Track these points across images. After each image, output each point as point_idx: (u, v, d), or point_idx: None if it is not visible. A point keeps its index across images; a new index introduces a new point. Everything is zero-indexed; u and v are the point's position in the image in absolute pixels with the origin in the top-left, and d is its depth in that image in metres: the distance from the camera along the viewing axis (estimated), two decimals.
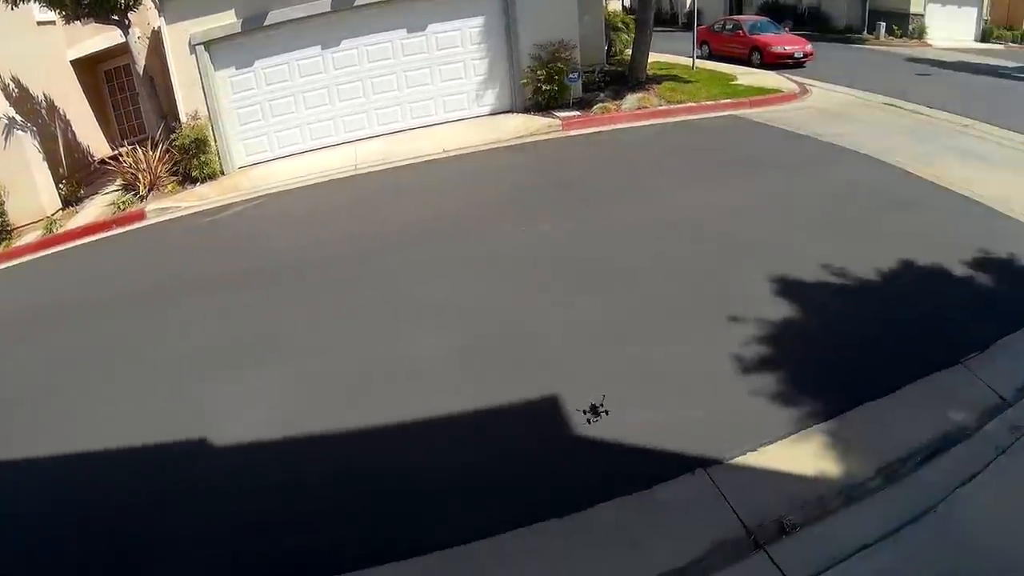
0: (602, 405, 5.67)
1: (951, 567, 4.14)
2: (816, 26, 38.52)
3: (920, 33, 36.29)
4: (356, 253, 9.35)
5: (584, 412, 5.63)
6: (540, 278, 7.97)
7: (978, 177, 10.78)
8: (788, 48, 23.36)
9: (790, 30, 30.33)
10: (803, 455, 5.07)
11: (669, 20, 46.83)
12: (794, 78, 20.06)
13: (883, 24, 35.49)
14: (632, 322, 6.85)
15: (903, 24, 36.28)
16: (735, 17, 29.85)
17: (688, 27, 23.67)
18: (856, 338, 6.41)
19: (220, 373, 6.87)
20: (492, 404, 5.83)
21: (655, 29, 18.77)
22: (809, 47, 23.95)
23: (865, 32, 35.74)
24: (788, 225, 9.04)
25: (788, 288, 7.20)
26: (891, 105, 16.49)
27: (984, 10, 39.95)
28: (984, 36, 39.06)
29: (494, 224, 9.67)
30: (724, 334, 6.43)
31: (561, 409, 5.70)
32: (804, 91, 18.06)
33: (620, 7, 47.52)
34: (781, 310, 6.79)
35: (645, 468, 4.99)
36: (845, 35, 36.18)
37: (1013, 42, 39.38)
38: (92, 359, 7.80)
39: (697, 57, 21.88)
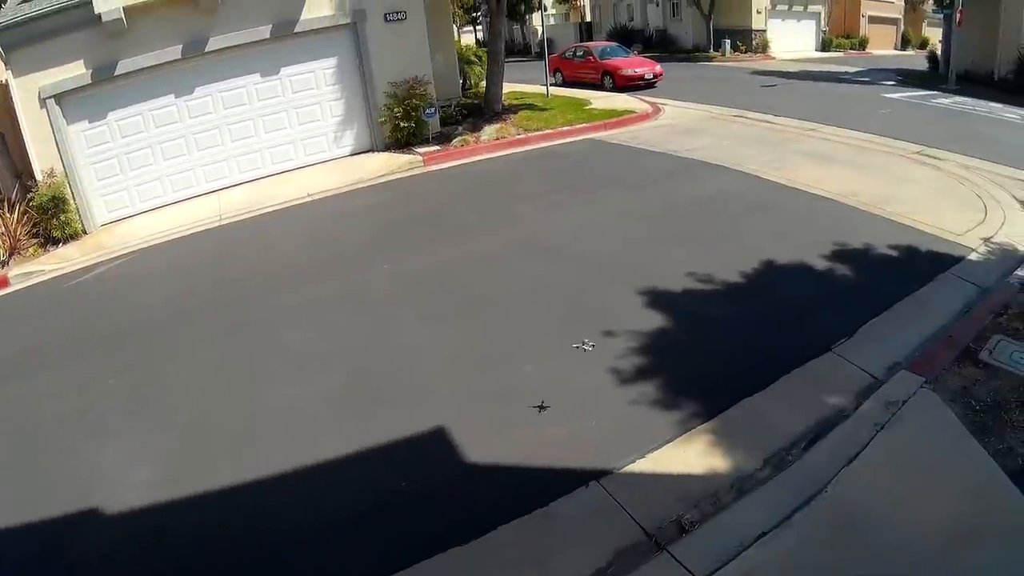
0: (487, 429, 5.71)
1: (845, 544, 4.29)
2: (665, 47, 40.42)
3: (764, 47, 38.50)
4: (226, 303, 9.25)
5: (469, 438, 5.62)
6: (410, 310, 8.06)
7: (827, 176, 11.70)
8: (638, 70, 24.44)
9: (640, 53, 31.65)
10: (691, 455, 5.22)
11: (522, 50, 48.30)
12: (646, 99, 21.01)
13: (728, 41, 37.47)
14: (505, 345, 6.96)
15: (747, 40, 38.40)
16: (585, 44, 31.04)
17: (541, 56, 24.42)
18: (727, 339, 6.70)
19: (92, 439, 6.59)
20: (376, 442, 5.74)
21: (509, 60, 19.37)
22: (659, 68, 25.12)
23: (712, 50, 37.59)
24: (651, 239, 9.43)
25: (657, 299, 7.45)
26: (740, 117, 17.58)
27: (823, 22, 42.78)
28: (824, 46, 42.09)
29: (362, 262, 9.73)
30: (598, 349, 6.60)
31: (446, 438, 5.67)
32: (657, 110, 18.93)
33: (473, 40, 48.60)
34: (652, 321, 7.00)
35: (539, 487, 5.02)
36: (693, 54, 37.95)
37: (852, 49, 42.30)
38: None
39: (551, 85, 22.69)
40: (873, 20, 46.87)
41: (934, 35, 40.97)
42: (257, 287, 9.59)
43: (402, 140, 15.91)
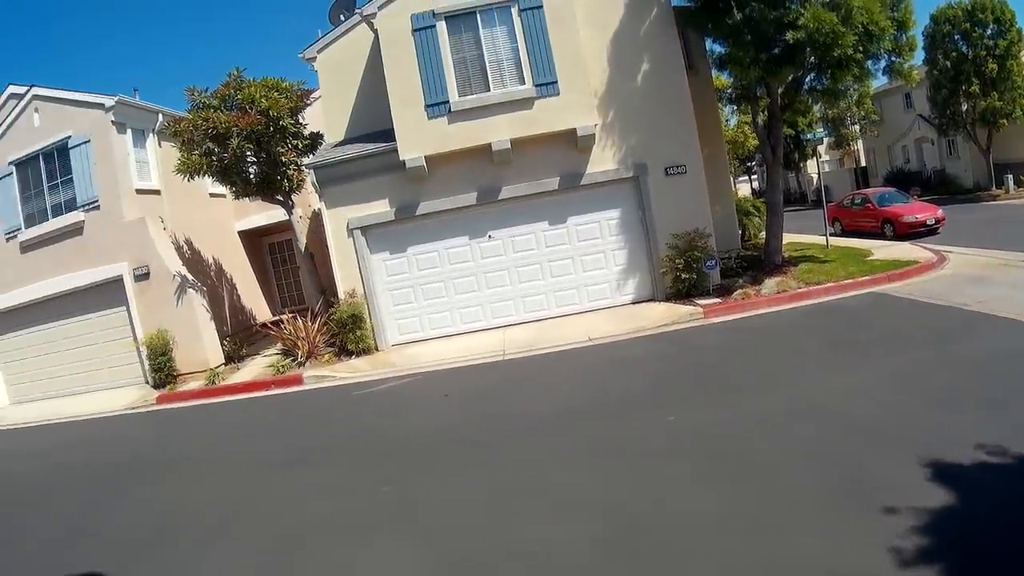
0: None
1: None
2: (943, 188, 38.23)
3: None
4: (501, 437, 9.37)
5: None
6: (682, 467, 7.67)
7: None
8: (919, 216, 23.18)
9: (918, 197, 30.21)
10: None
11: (797, 199, 47.71)
12: (929, 246, 19.73)
13: (1010, 176, 34.81)
14: (779, 514, 6.38)
15: None
16: (862, 191, 29.90)
17: (817, 204, 23.93)
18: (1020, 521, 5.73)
19: (347, 546, 6.87)
20: None
21: (785, 209, 18.98)
22: (940, 212, 23.70)
23: (993, 187, 35.04)
24: (934, 403, 8.46)
25: (940, 473, 6.56)
26: None
27: None
28: None
29: (638, 413, 9.49)
30: (878, 526, 5.87)
31: None
32: (941, 259, 17.67)
33: (748, 190, 48.59)
34: (936, 497, 6.15)
35: None
36: (974, 193, 35.59)
37: None
38: (231, 515, 8.12)
39: (830, 234, 21.85)
40: None
41: None
42: (533, 426, 9.62)
43: (683, 291, 15.90)
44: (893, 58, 16.01)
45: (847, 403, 8.86)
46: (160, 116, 18.88)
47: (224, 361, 16.94)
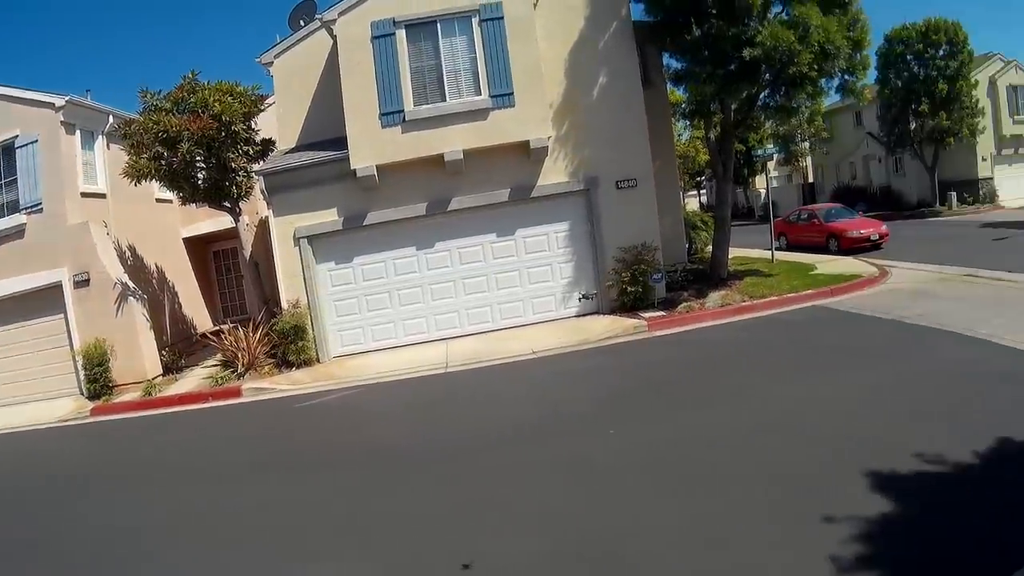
0: None
1: None
2: (889, 205, 39.27)
3: (992, 197, 36.73)
4: (444, 450, 9.35)
5: None
6: (628, 480, 7.72)
7: None
8: (864, 231, 23.76)
9: (864, 212, 30.95)
10: None
11: (745, 214, 48.33)
12: (873, 261, 20.22)
13: (954, 194, 35.94)
14: (726, 525, 6.47)
15: (973, 190, 36.76)
16: (809, 207, 30.60)
17: (764, 219, 24.31)
18: (958, 530, 5.90)
19: (286, 561, 6.81)
20: None
21: (732, 223, 19.23)
22: (884, 228, 24.31)
23: (937, 204, 36.06)
24: (877, 415, 8.68)
25: (883, 481, 6.75)
26: (971, 276, 16.42)
27: None
28: None
29: (584, 426, 9.54)
30: (821, 534, 5.99)
31: None
32: (884, 273, 18.10)
33: (697, 205, 49.08)
34: (878, 506, 6.32)
35: None
36: (918, 209, 36.58)
37: None
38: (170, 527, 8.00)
39: (776, 248, 22.30)
40: None
41: None
42: (478, 439, 9.62)
43: (628, 304, 16.04)
44: (847, 77, 16.38)
45: (791, 415, 9.05)
46: (110, 118, 18.52)
47: (162, 372, 16.56)
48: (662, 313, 15.59)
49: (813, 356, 11.86)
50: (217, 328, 18.42)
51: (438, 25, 15.55)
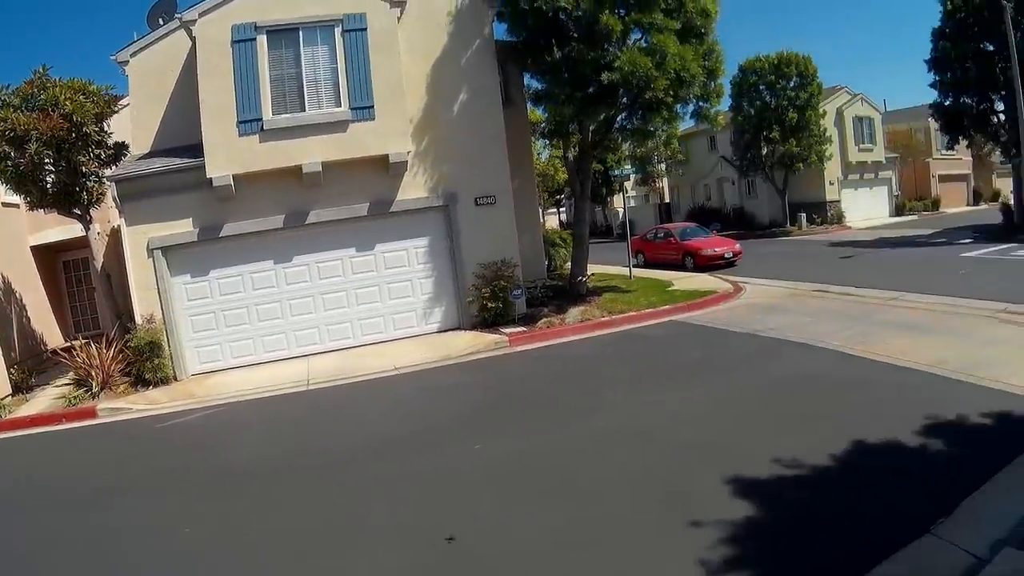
0: None
1: None
2: (743, 225, 41.24)
3: (839, 218, 39.06)
4: (308, 469, 9.15)
5: None
6: (493, 494, 7.77)
7: (912, 346, 11.33)
8: (718, 250, 24.85)
9: (719, 231, 32.31)
10: None
11: (604, 232, 49.88)
12: (727, 277, 21.14)
13: (803, 215, 38.08)
14: (592, 531, 6.60)
15: (822, 212, 39.02)
16: (665, 225, 31.88)
17: (622, 237, 24.89)
18: (820, 526, 6.24)
19: None
20: None
21: (591, 241, 19.75)
22: (738, 246, 25.46)
23: (788, 224, 38.13)
24: (735, 422, 9.10)
25: (745, 486, 7.06)
26: (821, 291, 17.48)
27: (894, 187, 43.56)
28: (898, 210, 43.14)
29: (447, 441, 9.57)
30: (685, 538, 6.22)
31: None
32: (738, 289, 18.93)
33: (557, 223, 49.91)
34: (740, 509, 6.59)
35: None
36: (770, 229, 38.54)
37: (925, 210, 42.71)
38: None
39: (633, 266, 22.97)
40: (943, 179, 48.28)
41: (1005, 186, 41.30)
42: (342, 456, 9.50)
43: (489, 320, 16.17)
44: (702, 103, 17.13)
45: (653, 426, 9.30)
46: None
47: (11, 392, 15.37)
48: (523, 329, 15.81)
49: (672, 368, 12.28)
50: (69, 344, 17.30)
51: (300, 33, 15.26)
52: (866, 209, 41.40)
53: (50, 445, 12.40)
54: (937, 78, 30.36)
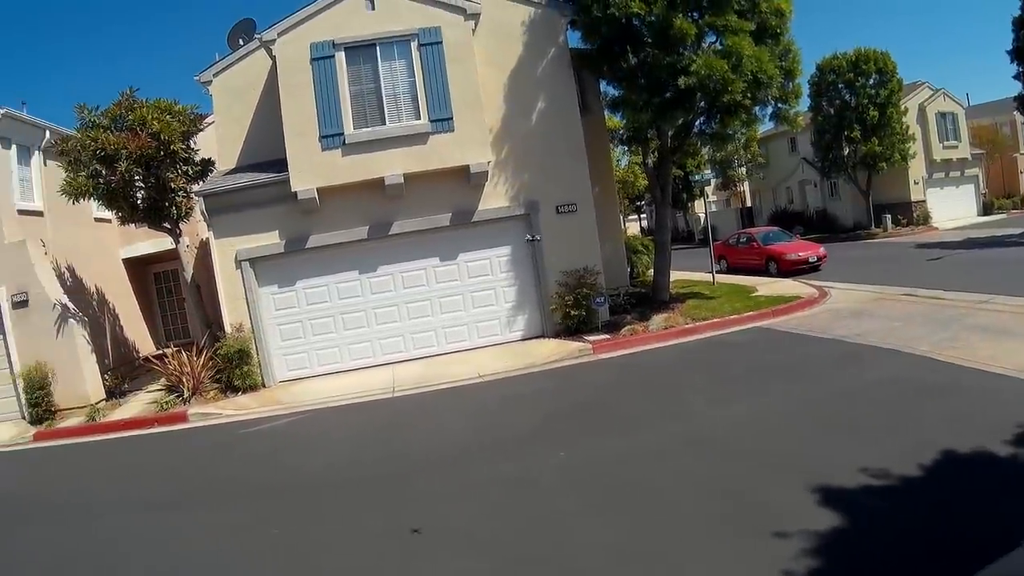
0: None
1: None
2: (825, 228, 40.16)
3: (925, 219, 37.73)
4: (390, 476, 9.21)
5: None
6: (574, 501, 7.70)
7: (1003, 351, 10.79)
8: (802, 255, 24.19)
9: (801, 236, 31.55)
10: None
11: (686, 237, 49.34)
12: (811, 283, 20.59)
13: (888, 216, 36.91)
14: (668, 543, 6.47)
15: (907, 213, 37.75)
16: (748, 230, 31.08)
17: (704, 243, 24.66)
18: (907, 539, 5.96)
19: None
20: None
21: (673, 247, 19.49)
22: (822, 250, 24.77)
23: (872, 226, 37.03)
24: (821, 431, 8.82)
25: (829, 496, 6.80)
26: (908, 295, 16.79)
27: (981, 185, 41.77)
28: (986, 209, 41.30)
29: (531, 448, 9.51)
30: (769, 549, 6.01)
31: None
32: (823, 294, 18.41)
33: (638, 229, 49.56)
34: (825, 520, 6.35)
35: None
36: (854, 232, 37.49)
37: (1014, 208, 40.99)
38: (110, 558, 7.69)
39: (716, 272, 22.64)
40: None
41: None
42: (424, 464, 9.52)
43: (572, 327, 16.09)
44: (780, 105, 16.66)
45: (737, 434, 9.08)
46: (47, 133, 17.96)
47: (105, 396, 15.99)
48: (606, 336, 15.63)
49: (755, 376, 11.93)
50: (160, 352, 17.96)
51: (377, 48, 15.48)
52: (952, 209, 39.81)
53: (143, 447, 12.86)
54: (1020, 69, 29.11)
